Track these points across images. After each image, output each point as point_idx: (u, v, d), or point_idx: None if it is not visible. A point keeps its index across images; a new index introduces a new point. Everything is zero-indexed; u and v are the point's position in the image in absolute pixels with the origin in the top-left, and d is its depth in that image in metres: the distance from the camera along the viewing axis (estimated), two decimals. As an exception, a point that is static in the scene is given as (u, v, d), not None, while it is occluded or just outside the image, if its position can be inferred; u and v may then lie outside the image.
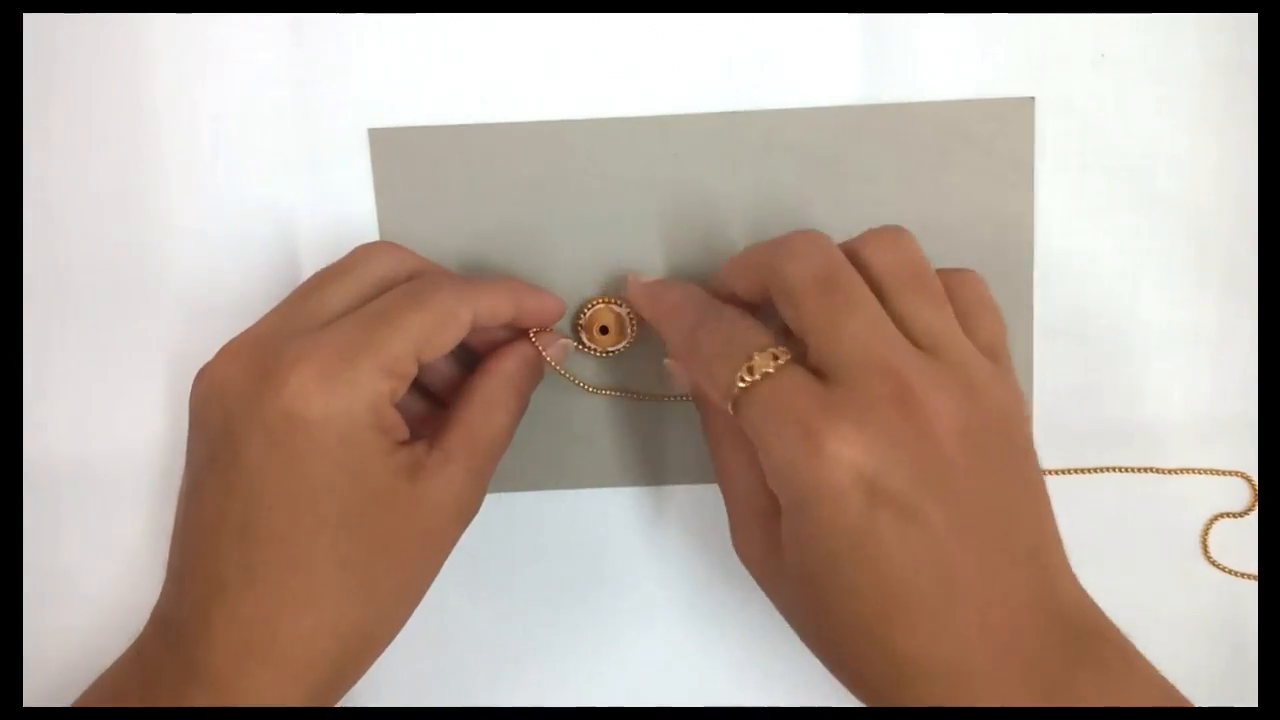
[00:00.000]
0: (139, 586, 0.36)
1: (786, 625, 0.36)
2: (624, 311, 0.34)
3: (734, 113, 0.35)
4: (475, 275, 0.32)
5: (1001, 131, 0.35)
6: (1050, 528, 0.27)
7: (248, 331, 0.29)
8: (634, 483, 0.36)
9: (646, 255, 0.35)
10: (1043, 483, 0.27)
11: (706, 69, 0.35)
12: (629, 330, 0.34)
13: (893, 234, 0.28)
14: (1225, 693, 0.36)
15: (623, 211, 0.35)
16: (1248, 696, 0.36)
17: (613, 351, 0.34)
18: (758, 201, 0.35)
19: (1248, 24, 0.34)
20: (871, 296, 0.26)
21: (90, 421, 0.36)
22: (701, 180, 0.35)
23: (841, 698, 0.36)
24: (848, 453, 0.24)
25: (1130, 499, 0.36)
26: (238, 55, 0.35)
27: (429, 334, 0.28)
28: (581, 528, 0.36)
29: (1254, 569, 0.36)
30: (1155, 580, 0.36)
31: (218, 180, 0.35)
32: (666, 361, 0.33)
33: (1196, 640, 0.37)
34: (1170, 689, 0.26)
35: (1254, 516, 0.36)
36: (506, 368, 0.31)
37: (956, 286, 0.28)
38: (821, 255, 0.27)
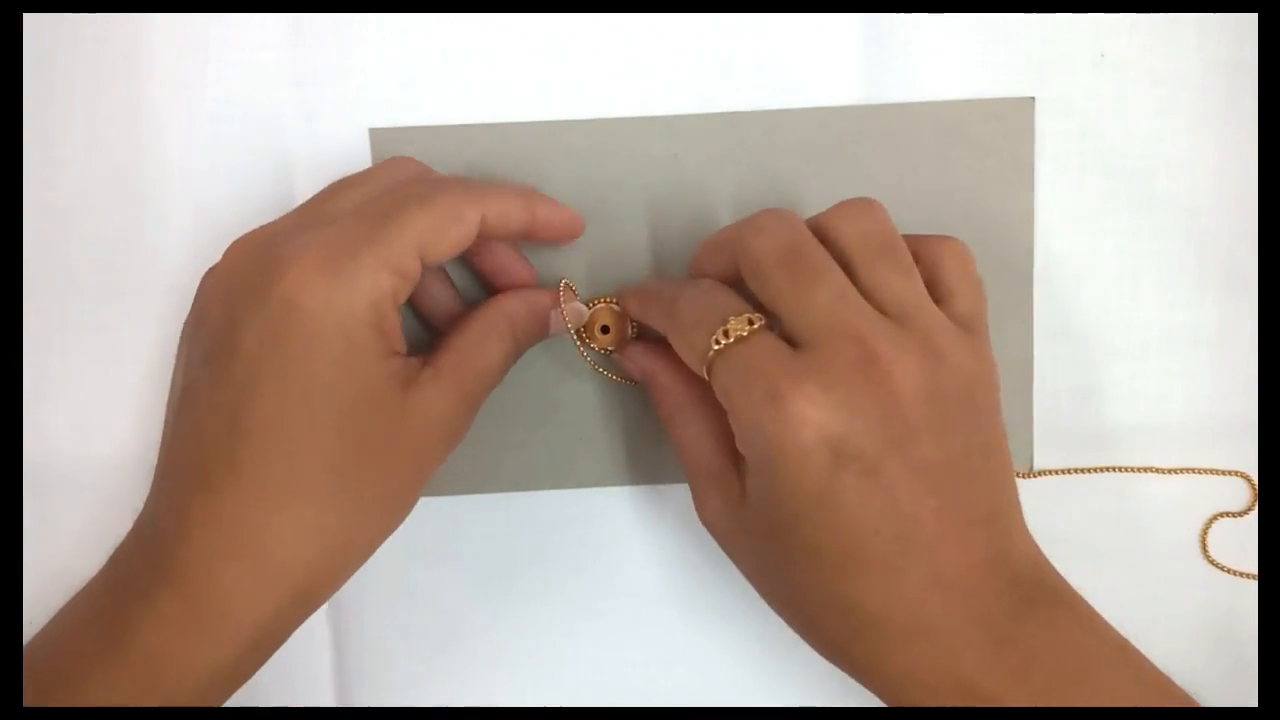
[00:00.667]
0: (139, 586, 0.36)
1: (786, 625, 0.36)
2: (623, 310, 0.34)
3: (734, 113, 0.35)
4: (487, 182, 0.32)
5: (1001, 132, 0.35)
6: (1009, 490, 0.28)
7: (256, 230, 0.29)
8: (634, 482, 0.36)
9: (646, 255, 0.35)
10: (1004, 447, 0.28)
11: (706, 69, 0.35)
12: (629, 331, 0.34)
13: (861, 205, 0.29)
14: (1225, 693, 0.36)
15: (623, 211, 0.35)
16: (1248, 696, 0.36)
17: (613, 351, 0.34)
18: (757, 201, 0.35)
19: (1248, 24, 0.34)
20: (836, 267, 0.27)
21: (90, 421, 0.36)
22: (701, 180, 0.35)
23: (842, 698, 0.36)
24: (813, 414, 0.25)
25: (1130, 499, 0.36)
26: (238, 55, 0.35)
27: (433, 232, 0.28)
28: (581, 528, 0.36)
29: (1253, 569, 0.36)
30: (1155, 580, 0.36)
31: (218, 181, 0.35)
32: (616, 354, 0.34)
33: (1196, 640, 0.37)
34: (1124, 644, 0.27)
35: (1253, 516, 0.36)
36: (508, 305, 0.31)
37: (937, 257, 0.29)
38: (786, 230, 0.28)
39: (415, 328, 0.34)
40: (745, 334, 0.27)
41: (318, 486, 0.27)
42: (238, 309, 0.27)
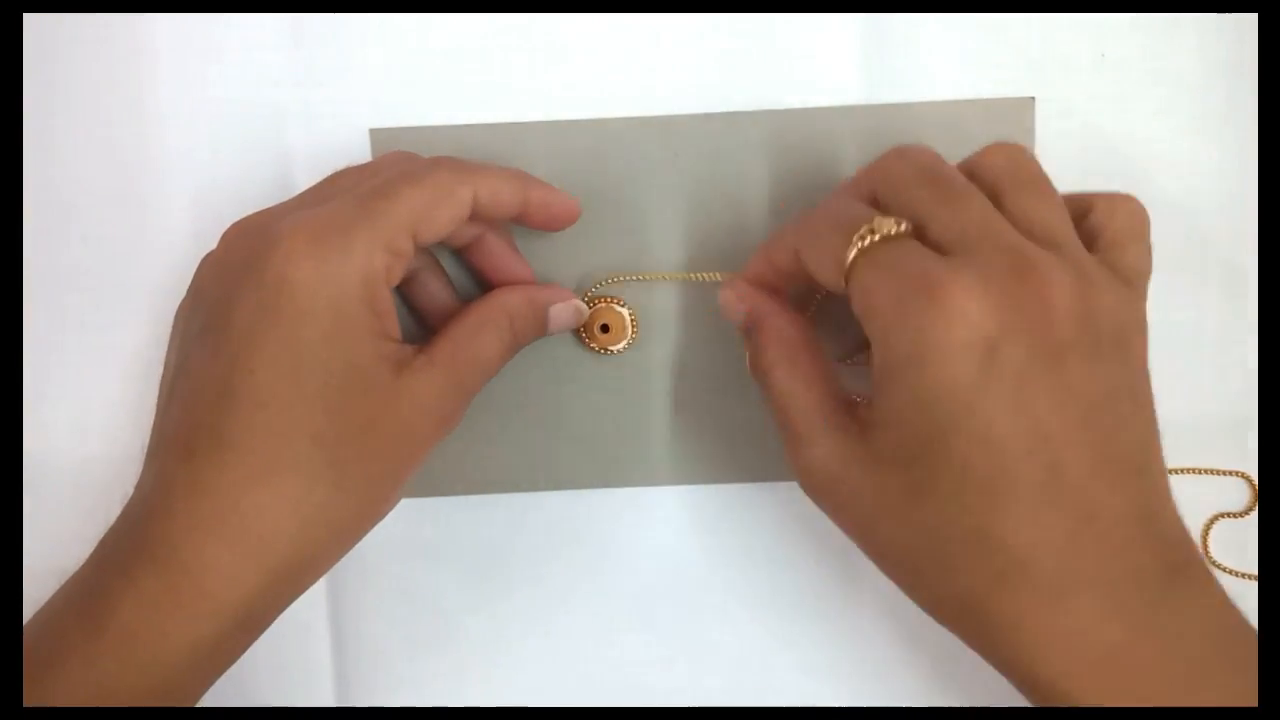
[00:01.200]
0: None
1: (786, 625, 0.36)
2: (625, 311, 0.34)
3: (734, 113, 0.35)
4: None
5: (1002, 132, 0.35)
6: (1156, 444, 0.26)
7: (253, 215, 0.29)
8: (634, 483, 0.36)
9: (647, 255, 0.35)
10: (1152, 403, 0.26)
11: (707, 69, 0.35)
12: (630, 330, 0.34)
13: (1009, 146, 0.27)
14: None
15: (623, 211, 0.35)
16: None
17: (613, 350, 0.34)
18: (758, 202, 0.35)
19: (1248, 24, 0.34)
20: (981, 194, 0.26)
21: (90, 422, 0.36)
22: (701, 180, 0.35)
23: (842, 698, 0.36)
24: (970, 306, 0.23)
25: (1130, 499, 0.36)
26: (238, 55, 0.35)
27: (426, 210, 0.28)
28: (581, 528, 0.36)
29: (1254, 569, 0.36)
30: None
31: (218, 181, 0.35)
32: (722, 294, 0.31)
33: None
34: (1254, 641, 0.25)
35: (1254, 516, 0.36)
36: (507, 299, 0.31)
37: (1110, 209, 0.27)
38: (928, 155, 0.27)
39: (412, 326, 0.34)
40: (893, 233, 0.25)
41: (301, 459, 0.26)
42: (232, 285, 0.27)
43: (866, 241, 0.25)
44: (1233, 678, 0.24)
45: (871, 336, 0.25)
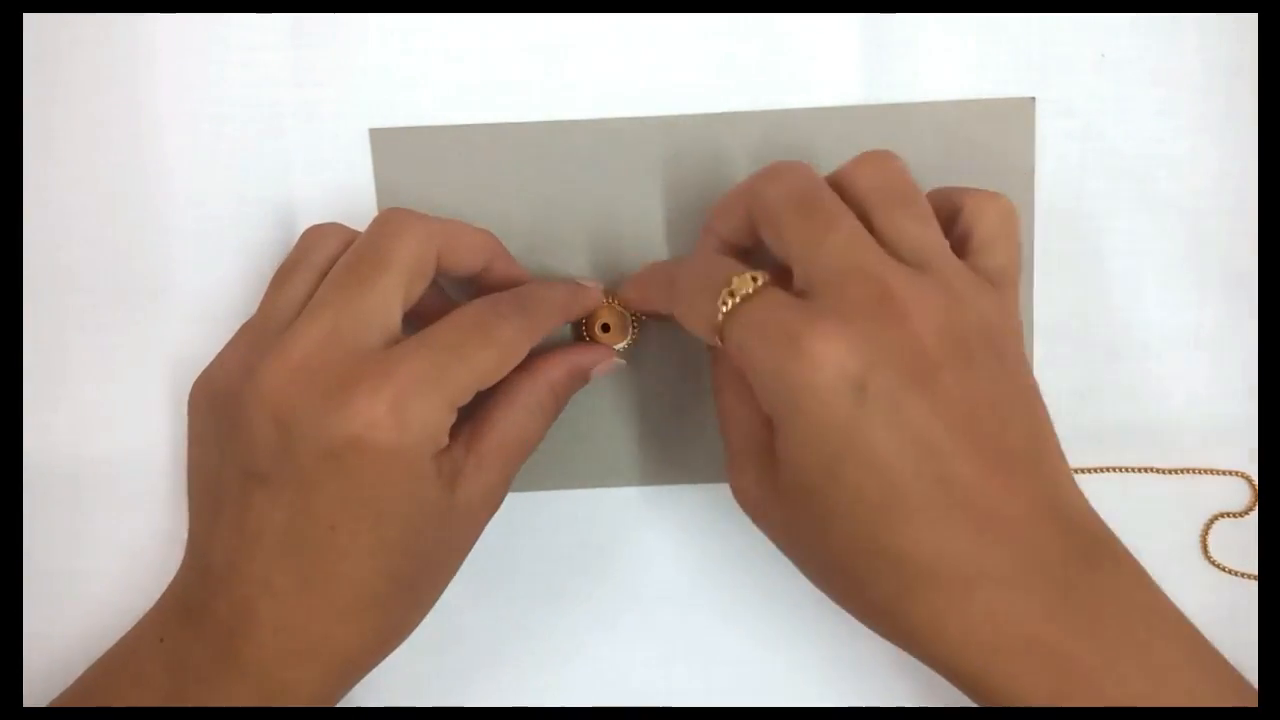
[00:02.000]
0: (139, 587, 0.36)
1: (786, 625, 0.36)
2: (625, 310, 0.34)
3: (734, 113, 0.35)
4: (525, 293, 0.32)
5: (1002, 132, 0.35)
6: (1049, 436, 0.27)
7: (292, 347, 0.28)
8: (634, 483, 0.36)
9: (647, 255, 0.35)
10: (1038, 397, 0.27)
11: (706, 69, 0.35)
12: (630, 330, 0.34)
13: (877, 156, 0.28)
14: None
15: (623, 211, 0.35)
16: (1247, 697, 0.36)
17: (614, 350, 0.34)
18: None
19: (1248, 24, 0.34)
20: (851, 214, 0.27)
21: (91, 422, 0.36)
22: (701, 180, 0.35)
23: (842, 698, 0.36)
24: (831, 351, 0.24)
25: (1130, 499, 0.36)
26: (239, 56, 0.35)
27: (494, 369, 0.29)
28: (581, 528, 0.36)
29: (1254, 569, 0.36)
30: (1155, 581, 0.36)
31: (218, 181, 0.35)
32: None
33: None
34: (1177, 609, 0.26)
35: (1254, 517, 0.36)
36: (551, 373, 0.32)
37: (978, 210, 0.28)
38: (801, 177, 0.28)
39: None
40: (751, 291, 0.26)
41: (382, 597, 0.28)
42: (295, 438, 0.27)
43: (728, 306, 0.27)
44: (1162, 648, 0.25)
45: (755, 389, 0.27)
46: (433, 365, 0.28)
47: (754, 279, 0.27)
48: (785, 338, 0.25)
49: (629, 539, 0.36)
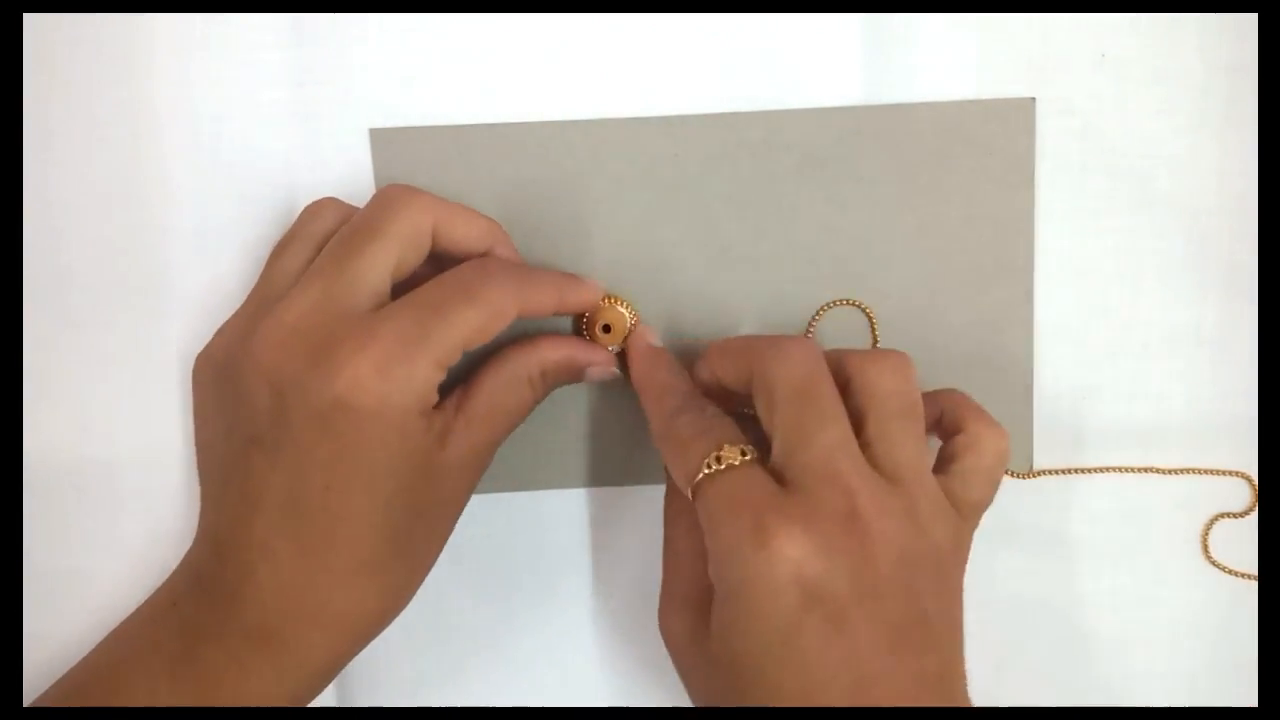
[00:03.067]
0: (139, 587, 0.35)
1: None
2: (626, 311, 0.34)
3: (734, 113, 0.35)
4: (519, 265, 0.33)
5: (1002, 132, 0.35)
6: (960, 657, 0.28)
7: (285, 311, 0.29)
8: (634, 482, 0.36)
9: (647, 256, 0.35)
10: (961, 619, 0.29)
11: (706, 69, 0.35)
12: (630, 330, 0.34)
13: (897, 363, 0.29)
14: (1225, 693, 0.36)
15: (623, 212, 0.35)
16: (1248, 696, 0.36)
17: (614, 349, 0.34)
18: (758, 202, 0.35)
19: (1248, 24, 0.34)
20: (844, 416, 0.28)
21: (91, 422, 0.36)
22: (701, 181, 0.35)
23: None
24: (792, 552, 0.25)
25: (1130, 499, 0.36)
26: (239, 55, 0.35)
27: (479, 329, 0.29)
28: (582, 528, 0.36)
29: (1254, 569, 0.36)
30: (1155, 580, 0.36)
31: (219, 181, 0.35)
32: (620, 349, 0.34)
33: (1196, 640, 0.37)
34: None
35: (1254, 517, 0.36)
36: (546, 355, 0.32)
37: (973, 447, 0.29)
38: (808, 365, 0.28)
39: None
40: (737, 463, 0.27)
41: (381, 555, 0.29)
42: (287, 401, 0.28)
43: (710, 470, 0.27)
44: None
45: (709, 552, 0.27)
46: (416, 324, 0.28)
47: (743, 453, 0.28)
48: (753, 523, 0.26)
49: (627, 539, 0.36)
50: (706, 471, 0.27)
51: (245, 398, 0.29)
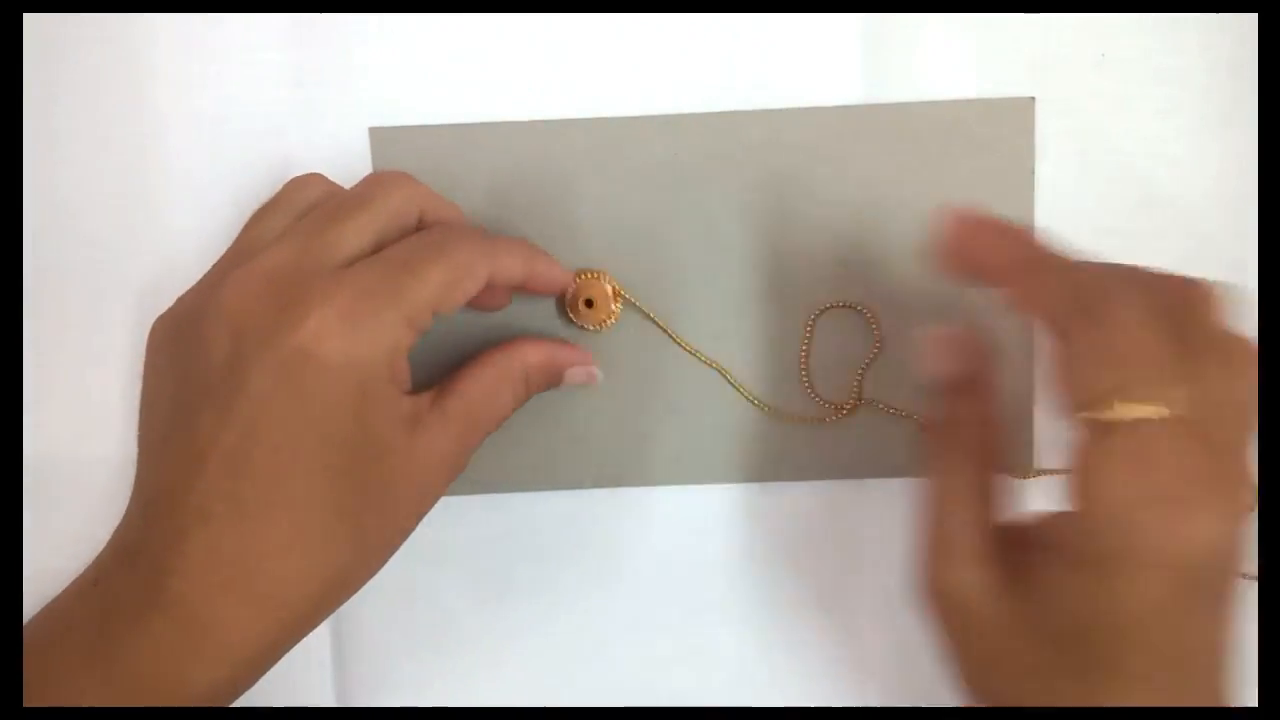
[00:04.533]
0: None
1: (786, 625, 0.36)
2: (609, 287, 0.34)
3: (735, 112, 0.35)
4: (489, 233, 0.32)
5: (1001, 132, 0.35)
6: None
7: (258, 262, 0.28)
8: (634, 483, 0.36)
9: (647, 255, 0.35)
10: None
11: (707, 69, 0.35)
12: (612, 309, 0.34)
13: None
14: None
15: (623, 211, 0.35)
16: (1247, 696, 0.36)
17: (593, 328, 0.34)
18: (758, 202, 0.35)
19: (1248, 24, 0.34)
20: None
21: (91, 422, 0.36)
22: (702, 180, 0.35)
23: (843, 698, 0.36)
24: (1213, 531, 0.24)
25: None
26: (239, 55, 0.35)
27: (449, 287, 0.28)
28: (581, 528, 0.36)
29: (1251, 569, 0.36)
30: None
31: (219, 180, 0.35)
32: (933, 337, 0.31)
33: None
34: None
35: (1252, 516, 0.36)
36: (527, 356, 0.32)
37: None
38: (1175, 299, 0.26)
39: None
40: (1168, 415, 0.23)
41: (323, 530, 0.27)
42: (247, 350, 0.26)
43: (1143, 415, 0.24)
44: None
45: (1078, 503, 0.25)
46: (385, 277, 0.27)
47: (1158, 410, 0.24)
48: (1173, 496, 0.23)
49: (627, 539, 0.36)
50: (1131, 415, 0.24)
51: (203, 345, 0.27)
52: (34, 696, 0.26)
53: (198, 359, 0.27)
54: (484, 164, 0.35)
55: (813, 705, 0.37)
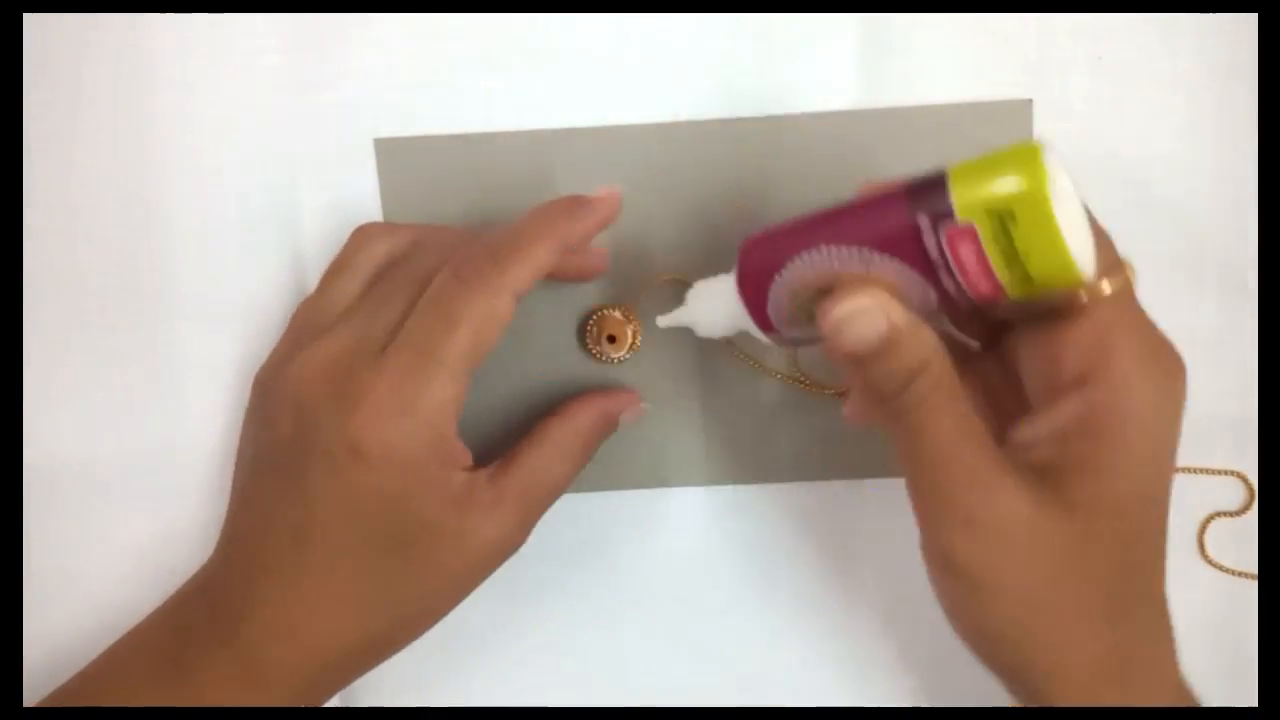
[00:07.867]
0: (139, 587, 0.36)
1: (786, 625, 0.36)
2: (629, 327, 0.34)
3: (735, 119, 0.35)
4: (509, 238, 0.29)
5: (1000, 134, 0.35)
6: None
7: (320, 347, 0.29)
8: (634, 485, 0.36)
9: (648, 261, 0.35)
10: None
11: (706, 71, 0.35)
12: (633, 339, 0.34)
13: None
14: (1225, 692, 0.36)
15: (625, 218, 0.35)
16: (1247, 696, 0.36)
17: (618, 359, 0.35)
18: (759, 205, 0.35)
19: (1247, 25, 0.34)
20: None
21: (91, 423, 0.36)
22: (703, 186, 0.35)
23: (842, 698, 0.36)
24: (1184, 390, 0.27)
25: (1129, 499, 0.36)
26: (242, 61, 0.35)
27: (479, 344, 0.28)
28: (582, 528, 0.36)
29: (1250, 567, 0.36)
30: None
31: (222, 186, 0.35)
32: (850, 303, 0.26)
33: (1194, 639, 0.37)
34: None
35: (1251, 516, 0.36)
36: (581, 423, 0.32)
37: None
38: None
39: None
40: (1130, 282, 0.27)
41: (366, 596, 0.29)
42: (306, 438, 0.28)
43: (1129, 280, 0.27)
44: None
45: (1112, 405, 0.27)
46: (420, 356, 0.28)
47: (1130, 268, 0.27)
48: (1167, 349, 0.27)
49: (627, 540, 0.36)
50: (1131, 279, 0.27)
51: (273, 422, 0.29)
52: (104, 700, 0.30)
53: (269, 430, 0.30)
54: (488, 172, 0.35)
55: (813, 705, 0.37)
